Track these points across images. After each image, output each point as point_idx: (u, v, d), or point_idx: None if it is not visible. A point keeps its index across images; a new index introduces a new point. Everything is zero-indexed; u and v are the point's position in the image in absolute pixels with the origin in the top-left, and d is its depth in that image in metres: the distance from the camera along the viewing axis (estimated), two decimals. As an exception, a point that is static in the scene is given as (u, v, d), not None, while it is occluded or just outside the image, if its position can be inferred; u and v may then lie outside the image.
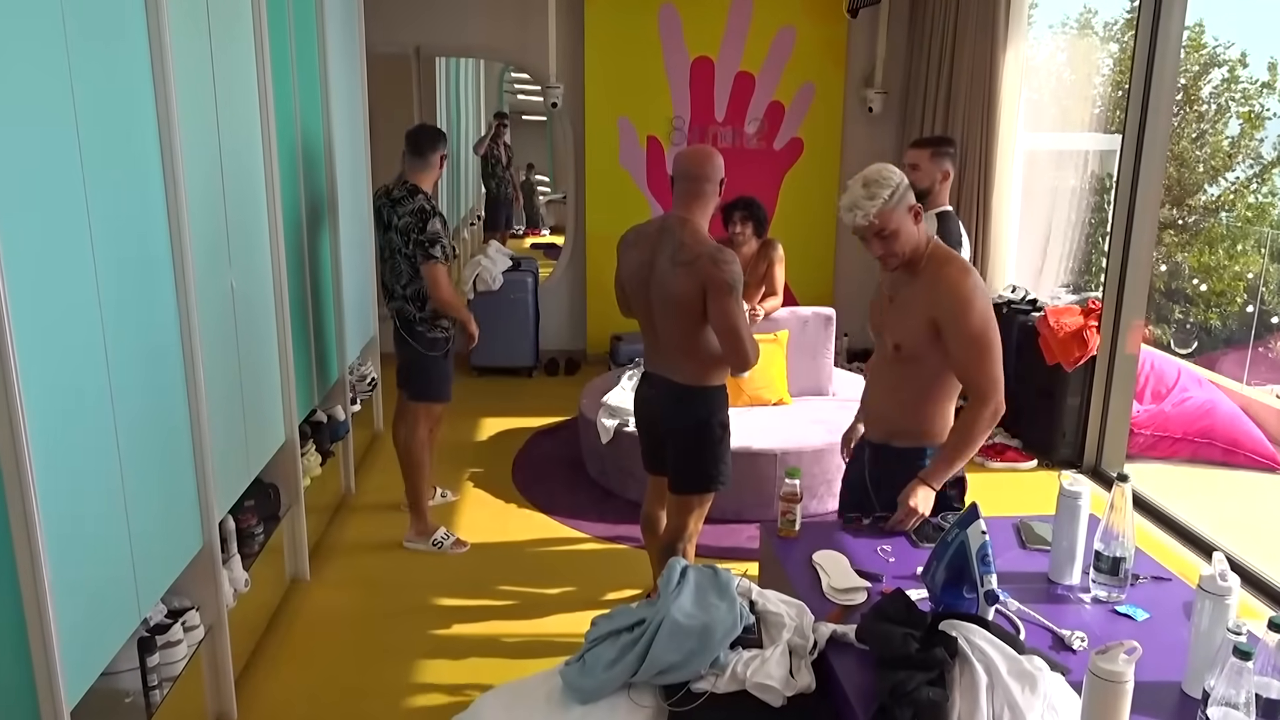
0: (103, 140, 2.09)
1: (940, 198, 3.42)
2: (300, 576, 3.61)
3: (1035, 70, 6.35)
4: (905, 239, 2.31)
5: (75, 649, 1.94)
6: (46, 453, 1.84)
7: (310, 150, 3.87)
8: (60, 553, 1.88)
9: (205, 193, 2.69)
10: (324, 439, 3.99)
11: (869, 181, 2.27)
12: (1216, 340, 9.28)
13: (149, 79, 2.33)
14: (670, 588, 1.89)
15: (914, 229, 2.33)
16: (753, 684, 1.73)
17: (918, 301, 2.34)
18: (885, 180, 2.27)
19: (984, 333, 2.30)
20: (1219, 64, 10.24)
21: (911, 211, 2.32)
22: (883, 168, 2.31)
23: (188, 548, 2.56)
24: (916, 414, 2.44)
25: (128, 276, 2.21)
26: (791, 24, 6.24)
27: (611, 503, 4.37)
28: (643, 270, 2.82)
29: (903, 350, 2.38)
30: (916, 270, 2.37)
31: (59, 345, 1.91)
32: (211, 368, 2.67)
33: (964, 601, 1.86)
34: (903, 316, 2.38)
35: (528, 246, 9.66)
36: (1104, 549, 2.00)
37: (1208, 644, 1.65)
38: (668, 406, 2.90)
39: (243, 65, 3.04)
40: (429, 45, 6.31)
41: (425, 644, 3.24)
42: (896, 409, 2.46)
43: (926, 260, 2.36)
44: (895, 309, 2.41)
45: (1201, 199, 10.39)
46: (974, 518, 1.87)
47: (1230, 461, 5.01)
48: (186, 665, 2.51)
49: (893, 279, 2.44)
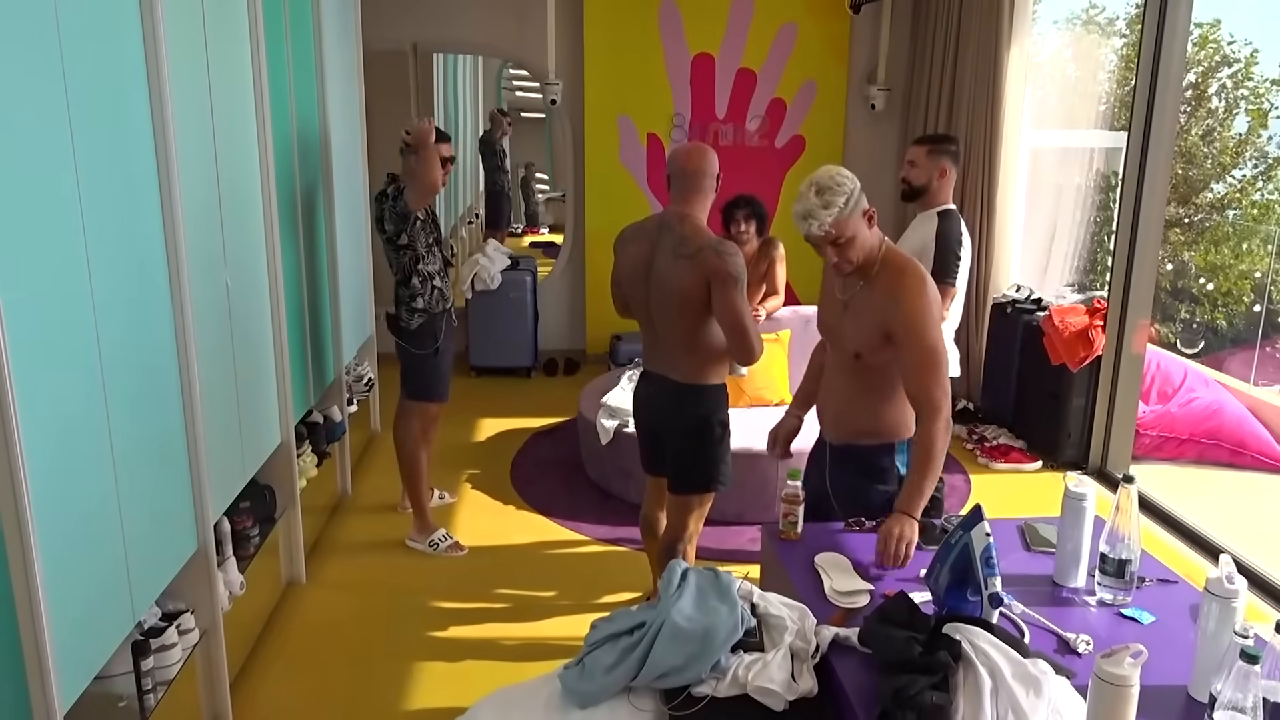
0: (96, 136, 2.09)
1: (940, 195, 3.41)
2: (296, 579, 3.61)
3: (1040, 66, 6.35)
4: (860, 245, 2.26)
5: (68, 652, 1.93)
6: (39, 454, 1.83)
7: (306, 148, 3.87)
8: (53, 555, 1.88)
9: (200, 190, 2.69)
10: (320, 440, 3.99)
11: (822, 189, 2.20)
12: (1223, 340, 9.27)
13: (143, 75, 2.33)
14: (670, 590, 1.89)
15: (869, 234, 2.28)
16: (754, 688, 1.73)
17: (872, 310, 2.30)
18: (839, 187, 2.21)
19: (937, 345, 2.26)
20: (1230, 62, 10.23)
21: (865, 215, 2.27)
22: (835, 172, 2.24)
23: (182, 550, 2.56)
24: (881, 413, 2.41)
25: (121, 275, 2.21)
26: (793, 20, 6.24)
27: (611, 504, 4.37)
28: (641, 266, 2.82)
29: (863, 358, 2.35)
30: (869, 275, 2.32)
31: (51, 345, 1.91)
32: (206, 367, 2.67)
33: (968, 604, 1.86)
34: (859, 324, 2.34)
35: (526, 245, 9.65)
36: (1109, 551, 2.00)
37: (1214, 647, 1.65)
38: (667, 405, 2.90)
39: (238, 61, 3.04)
40: (426, 41, 6.31)
41: (422, 647, 3.24)
42: (860, 410, 2.43)
43: (880, 265, 2.31)
44: (851, 315, 2.36)
45: (1208, 196, 10.38)
46: (978, 520, 1.87)
47: (1237, 463, 5.01)
48: (181, 669, 2.51)
49: (844, 283, 2.39)
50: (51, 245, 1.92)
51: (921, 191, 3.41)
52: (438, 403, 3.91)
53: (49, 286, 1.91)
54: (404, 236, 3.64)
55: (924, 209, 3.45)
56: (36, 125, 1.87)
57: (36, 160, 1.87)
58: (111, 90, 2.19)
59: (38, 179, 1.87)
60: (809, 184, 2.22)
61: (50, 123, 1.92)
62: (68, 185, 1.98)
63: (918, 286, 2.26)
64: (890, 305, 2.26)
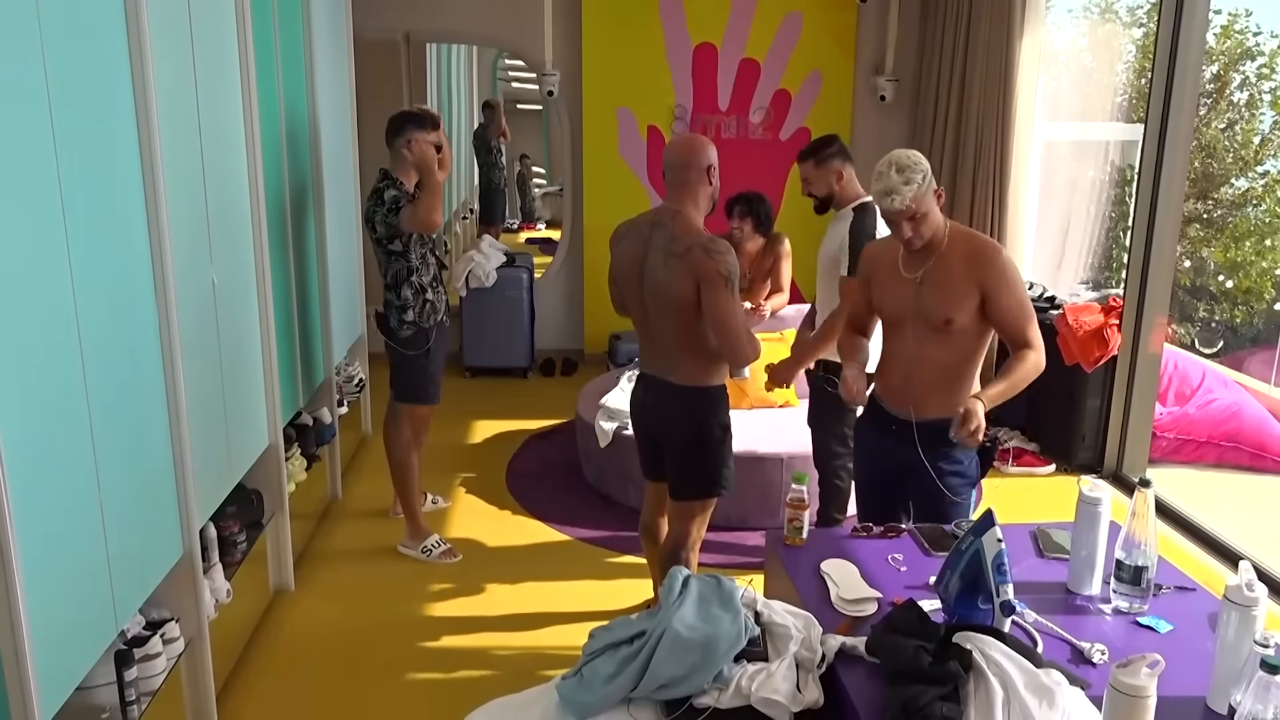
0: (77, 129, 2.09)
1: (848, 195, 3.48)
2: (284, 586, 3.61)
3: (1054, 57, 6.35)
4: (931, 221, 2.51)
5: (49, 662, 1.93)
6: (18, 457, 1.84)
7: (295, 141, 3.87)
8: (33, 561, 1.88)
9: (185, 185, 2.69)
10: (309, 442, 3.99)
11: (902, 167, 2.44)
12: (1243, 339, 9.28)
13: (126, 65, 2.34)
14: (671, 598, 1.89)
15: (938, 212, 2.53)
16: (758, 699, 1.73)
17: (955, 275, 2.52)
18: (916, 165, 2.45)
19: (1027, 298, 2.56)
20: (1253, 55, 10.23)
21: (935, 194, 2.51)
22: (910, 152, 2.49)
23: (167, 556, 2.56)
24: (968, 383, 2.61)
25: (103, 272, 2.21)
26: (798, 9, 6.24)
27: (610, 509, 4.38)
28: (635, 265, 2.82)
29: (954, 323, 2.53)
30: (939, 250, 2.54)
31: (31, 343, 1.92)
32: (192, 368, 2.67)
33: (979, 612, 1.86)
34: (944, 291, 2.53)
35: (522, 241, 9.66)
36: (1125, 557, 2.00)
37: (1234, 657, 1.65)
38: (664, 408, 2.90)
39: (225, 51, 3.04)
40: (419, 31, 6.31)
41: (415, 657, 3.24)
42: (948, 382, 2.59)
43: (949, 236, 2.55)
44: (930, 287, 2.55)
45: (1228, 192, 10.38)
46: (989, 525, 1.88)
47: (1258, 466, 5.01)
48: (166, 679, 2.50)
49: (911, 262, 2.59)
50: (30, 242, 1.92)
51: (829, 200, 3.52)
52: (428, 405, 3.90)
53: (27, 284, 1.91)
54: (396, 243, 3.62)
55: (838, 209, 3.54)
56: (14, 115, 1.87)
57: (14, 153, 1.87)
58: (93, 81, 2.19)
59: (15, 172, 1.87)
60: (888, 164, 2.46)
61: (29, 114, 1.92)
62: (47, 180, 1.98)
63: (997, 249, 2.56)
64: (978, 265, 2.51)
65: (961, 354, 2.59)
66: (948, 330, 2.54)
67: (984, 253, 2.53)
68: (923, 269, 2.57)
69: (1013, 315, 2.52)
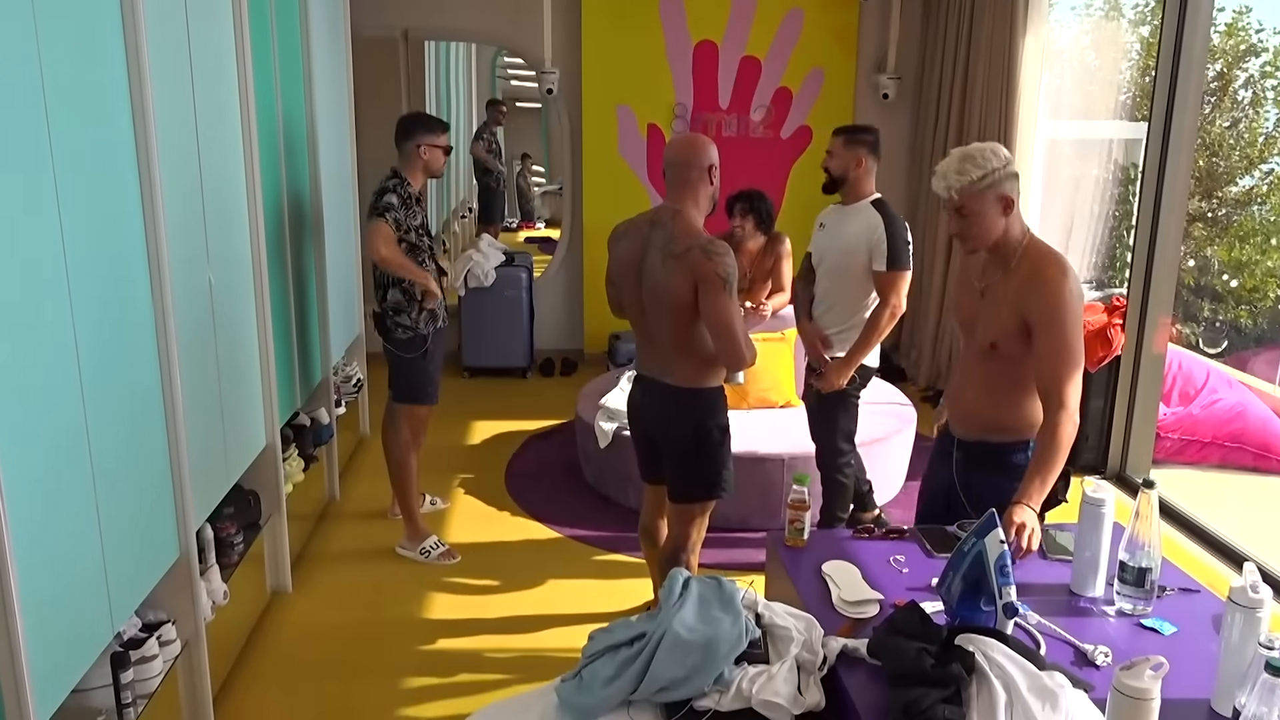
0: (73, 128, 2.09)
1: (864, 187, 3.52)
2: (282, 588, 3.61)
3: (1058, 55, 6.35)
4: (984, 227, 2.33)
5: (45, 664, 1.94)
6: (13, 458, 1.83)
7: (292, 140, 3.87)
8: (29, 563, 1.88)
9: (181, 185, 2.69)
10: (307, 443, 3.99)
11: (967, 157, 2.29)
12: (1248, 339, 9.28)
13: (122, 63, 2.33)
14: (672, 600, 1.89)
15: (999, 219, 2.33)
16: (759, 701, 1.73)
17: (1010, 298, 2.34)
18: (981, 161, 2.29)
19: (1076, 342, 2.28)
20: (1258, 51, 10.23)
21: (1001, 202, 2.32)
22: (987, 148, 2.32)
23: (163, 558, 2.56)
24: (1016, 408, 2.42)
25: (100, 272, 2.21)
26: (799, 6, 6.24)
27: (610, 510, 4.38)
28: (633, 265, 2.82)
29: (999, 348, 2.38)
30: (1008, 264, 2.37)
31: (25, 343, 1.91)
32: (188, 368, 2.67)
33: (981, 614, 1.86)
34: (996, 313, 2.38)
35: (521, 240, 9.67)
36: (1129, 559, 2.00)
37: (1238, 659, 1.65)
38: (662, 410, 2.90)
39: (221, 49, 3.04)
40: (417, 28, 6.32)
41: (413, 659, 3.24)
42: (994, 405, 2.45)
43: (1021, 254, 2.36)
44: (988, 304, 2.41)
45: (1233, 190, 10.39)
46: (992, 526, 1.88)
47: (1262, 467, 5.01)
48: (162, 682, 2.51)
49: (983, 270, 2.46)
50: (26, 240, 1.92)
51: (841, 182, 3.53)
52: (427, 406, 3.91)
53: (23, 284, 1.91)
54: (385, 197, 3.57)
55: (848, 202, 3.56)
56: (9, 113, 1.87)
57: (9, 151, 1.87)
58: (89, 79, 2.19)
59: (11, 171, 1.87)
60: (960, 149, 2.32)
61: (24, 112, 1.92)
62: (44, 178, 1.98)
63: (1059, 277, 2.29)
64: (1029, 293, 2.30)
65: (1009, 379, 2.40)
66: (993, 353, 2.39)
67: (1039, 276, 2.29)
68: (988, 282, 2.43)
69: (1048, 360, 2.26)
